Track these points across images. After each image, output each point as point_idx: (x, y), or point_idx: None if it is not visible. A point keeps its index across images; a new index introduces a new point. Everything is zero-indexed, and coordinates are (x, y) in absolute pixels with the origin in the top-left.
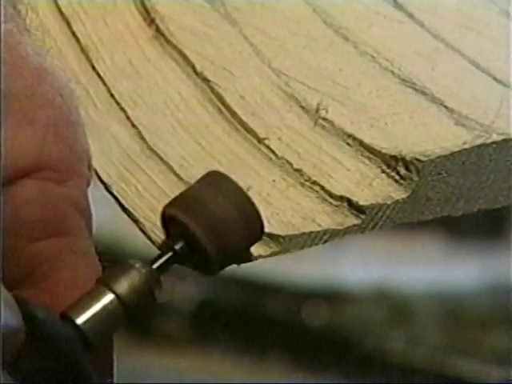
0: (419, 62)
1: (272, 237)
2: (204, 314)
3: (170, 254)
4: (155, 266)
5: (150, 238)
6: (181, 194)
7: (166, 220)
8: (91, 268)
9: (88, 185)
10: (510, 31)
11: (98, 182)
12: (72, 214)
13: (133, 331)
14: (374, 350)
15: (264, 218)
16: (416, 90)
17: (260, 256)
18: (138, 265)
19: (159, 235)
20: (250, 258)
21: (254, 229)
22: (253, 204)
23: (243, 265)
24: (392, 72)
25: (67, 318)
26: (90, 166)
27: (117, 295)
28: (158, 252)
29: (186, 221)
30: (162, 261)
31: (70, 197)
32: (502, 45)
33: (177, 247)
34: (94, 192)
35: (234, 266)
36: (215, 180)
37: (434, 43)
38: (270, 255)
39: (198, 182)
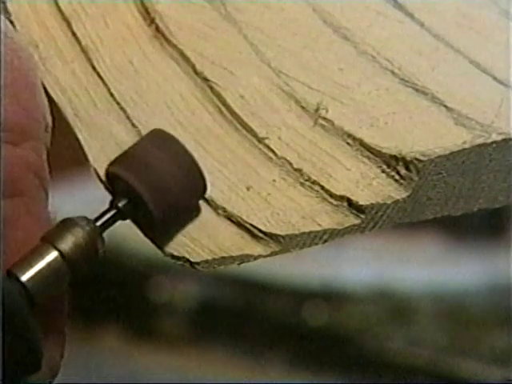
0: (419, 62)
1: (272, 237)
2: (204, 314)
3: (113, 212)
4: (99, 223)
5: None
6: (125, 152)
7: (110, 178)
8: (45, 230)
9: (46, 148)
10: (510, 31)
11: (98, 182)
12: (27, 176)
13: (133, 331)
14: (374, 349)
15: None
16: (416, 90)
17: (260, 255)
18: (81, 222)
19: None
20: (197, 215)
21: (197, 186)
22: (195, 162)
23: (243, 265)
24: (392, 72)
25: (12, 275)
26: (47, 128)
27: (60, 252)
28: (157, 252)
29: (129, 178)
30: (105, 218)
31: (26, 159)
32: (502, 45)
33: (120, 204)
34: (94, 192)
35: (234, 265)
36: (158, 138)
37: (434, 43)
38: (270, 255)
39: (142, 139)
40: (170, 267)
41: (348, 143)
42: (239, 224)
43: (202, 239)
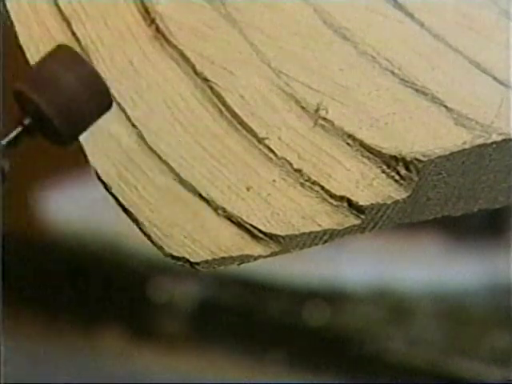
0: (419, 62)
1: (272, 237)
2: (204, 314)
3: (19, 129)
4: (5, 140)
5: (149, 238)
6: (31, 69)
7: (17, 95)
8: None
9: None
10: (510, 31)
11: (98, 182)
12: None
13: (132, 331)
14: (374, 349)
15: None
16: (416, 90)
17: (260, 256)
18: None
19: (159, 235)
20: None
21: (101, 100)
22: (99, 77)
23: (243, 265)
24: (392, 72)
25: None
26: None
27: None
28: (157, 252)
29: (32, 95)
30: (12, 136)
31: None
32: (502, 45)
33: (26, 122)
34: (94, 192)
35: (234, 265)
36: (62, 55)
37: (434, 43)
38: (270, 255)
39: (48, 56)
40: (170, 267)
41: (348, 143)
42: (239, 224)
43: (202, 239)
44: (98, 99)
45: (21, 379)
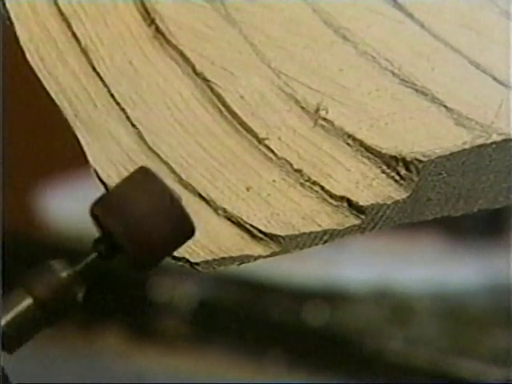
0: (419, 62)
1: (272, 237)
2: (204, 314)
3: (93, 255)
4: (78, 268)
5: None
6: (106, 193)
7: (93, 219)
8: None
9: None
10: (510, 31)
11: (98, 182)
12: None
13: (133, 331)
14: (374, 349)
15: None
16: (416, 90)
17: (260, 256)
18: (59, 266)
19: None
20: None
21: (181, 230)
22: (179, 204)
23: (243, 265)
24: (392, 72)
25: None
26: None
27: (35, 299)
28: None
29: (108, 223)
30: (85, 262)
31: None
32: (502, 45)
33: (100, 248)
34: (94, 192)
35: (234, 265)
36: (141, 179)
37: (434, 43)
38: (270, 255)
39: (126, 179)
40: (170, 267)
41: (348, 144)
42: (239, 224)
43: (202, 239)
44: (177, 226)
45: (21, 379)
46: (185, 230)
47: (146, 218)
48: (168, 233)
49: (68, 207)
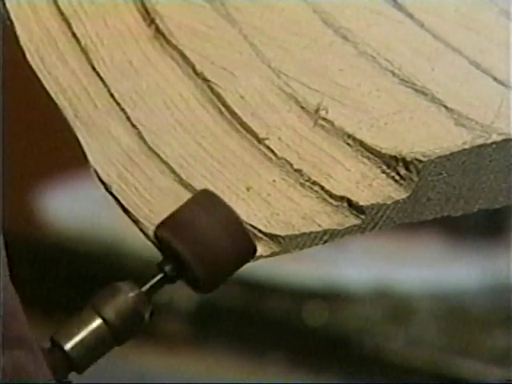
0: (419, 62)
1: (272, 237)
2: (204, 314)
3: (160, 276)
4: (144, 288)
5: (149, 238)
6: (172, 215)
7: (158, 241)
8: None
9: None
10: (510, 31)
11: (98, 182)
12: None
13: None
14: (374, 349)
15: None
16: (416, 90)
17: (260, 256)
18: (126, 288)
19: None
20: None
21: (244, 252)
22: (243, 228)
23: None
24: (392, 72)
25: (55, 344)
26: None
27: (104, 320)
28: (158, 252)
29: (175, 244)
30: (151, 283)
31: None
32: (501, 45)
33: (167, 269)
34: (94, 192)
35: None
36: (207, 201)
37: (434, 43)
38: (270, 255)
39: (190, 201)
40: None
41: (348, 144)
42: None
43: None
44: (240, 246)
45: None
46: (248, 250)
47: (213, 239)
48: (232, 254)
49: (68, 207)
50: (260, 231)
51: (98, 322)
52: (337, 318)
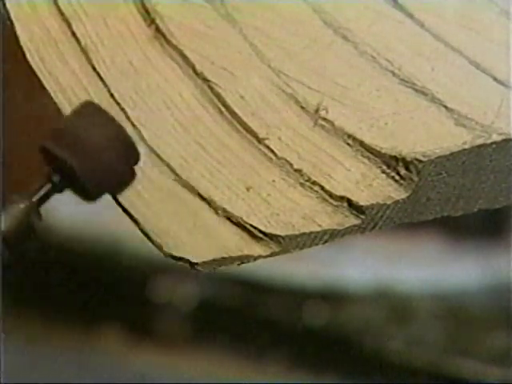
0: (419, 62)
1: (272, 237)
2: (204, 314)
3: (48, 186)
4: (35, 198)
5: (149, 238)
6: (58, 128)
7: (44, 153)
8: None
9: None
10: (510, 31)
11: None
12: None
13: (132, 331)
14: (374, 349)
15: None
16: (416, 90)
17: (260, 256)
18: (17, 198)
19: (159, 235)
20: (132, 180)
21: (128, 155)
22: (125, 132)
23: (243, 265)
24: (392, 72)
25: None
26: None
27: None
28: (157, 252)
29: (59, 153)
30: (41, 193)
31: None
32: (502, 45)
33: (54, 179)
34: None
35: (234, 265)
36: (88, 111)
37: (434, 43)
38: (270, 255)
39: (73, 112)
40: (170, 267)
41: (348, 144)
42: (239, 224)
43: (202, 240)
44: (125, 154)
45: (21, 379)
46: (132, 156)
47: (97, 147)
48: (118, 160)
49: (68, 207)
50: (260, 231)
51: None
52: (337, 318)
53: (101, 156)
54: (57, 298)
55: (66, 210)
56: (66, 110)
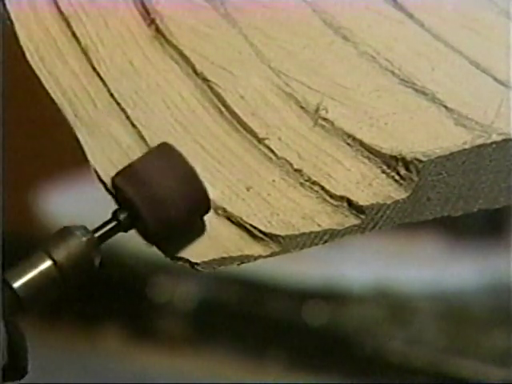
0: (419, 62)
1: (272, 237)
2: (204, 314)
3: (113, 224)
4: (98, 234)
5: (148, 238)
6: (129, 165)
7: (115, 189)
8: None
9: None
10: (510, 31)
11: (98, 182)
12: None
13: (133, 331)
14: (374, 349)
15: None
16: (416, 90)
17: (260, 256)
18: (79, 232)
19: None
20: (202, 231)
21: (198, 204)
22: (198, 179)
23: (243, 265)
24: (392, 72)
25: (5, 282)
26: None
27: (54, 261)
28: (158, 252)
29: (130, 192)
30: (105, 229)
31: None
32: (502, 45)
33: (121, 217)
34: (94, 192)
35: (234, 265)
36: (164, 153)
37: (434, 43)
38: (270, 255)
39: (149, 153)
40: (170, 267)
41: (348, 144)
42: (239, 224)
43: (202, 240)
44: (195, 201)
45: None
46: (201, 205)
47: (168, 190)
48: (185, 206)
49: (68, 207)
50: (260, 231)
51: (48, 263)
52: (337, 317)
53: (169, 201)
54: (56, 297)
55: (66, 210)
56: (66, 109)
